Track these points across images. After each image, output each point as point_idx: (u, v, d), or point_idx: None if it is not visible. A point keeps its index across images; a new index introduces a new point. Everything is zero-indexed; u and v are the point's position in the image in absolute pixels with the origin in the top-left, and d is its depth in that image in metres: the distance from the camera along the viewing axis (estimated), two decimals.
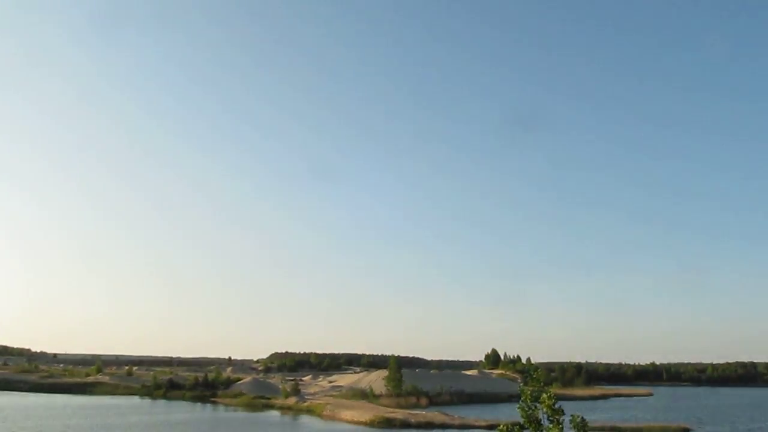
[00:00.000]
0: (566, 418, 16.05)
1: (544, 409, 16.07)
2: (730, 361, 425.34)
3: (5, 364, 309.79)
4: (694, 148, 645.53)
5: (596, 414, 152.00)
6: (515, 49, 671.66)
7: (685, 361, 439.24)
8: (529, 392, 16.47)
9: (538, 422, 16.15)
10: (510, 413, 20.91)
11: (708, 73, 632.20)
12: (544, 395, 15.98)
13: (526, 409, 16.33)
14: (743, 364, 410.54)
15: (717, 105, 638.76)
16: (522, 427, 16.37)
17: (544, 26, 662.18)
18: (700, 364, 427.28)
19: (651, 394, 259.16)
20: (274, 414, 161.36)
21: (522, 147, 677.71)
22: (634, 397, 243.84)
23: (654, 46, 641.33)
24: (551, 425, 15.80)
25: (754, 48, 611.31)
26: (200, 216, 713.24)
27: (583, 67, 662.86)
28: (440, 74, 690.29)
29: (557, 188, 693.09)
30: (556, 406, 16.30)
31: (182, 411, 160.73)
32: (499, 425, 17.27)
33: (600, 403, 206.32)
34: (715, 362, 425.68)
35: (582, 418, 15.91)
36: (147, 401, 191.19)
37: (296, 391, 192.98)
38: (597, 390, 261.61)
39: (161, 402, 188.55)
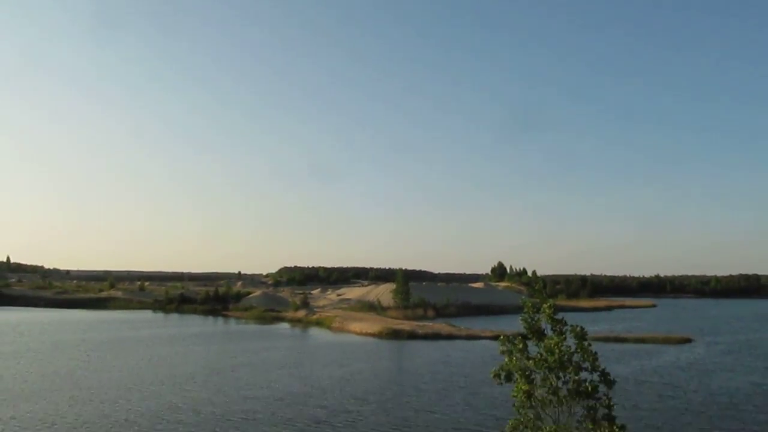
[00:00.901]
0: (567, 328, 16.56)
1: (546, 320, 16.56)
2: (733, 273, 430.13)
3: (20, 281, 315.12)
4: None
5: (600, 325, 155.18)
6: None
7: (689, 274, 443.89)
8: (531, 304, 16.94)
9: (541, 332, 16.66)
10: (515, 325, 21.84)
11: None
12: (545, 305, 16.44)
13: (528, 320, 16.82)
14: (746, 276, 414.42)
15: None
16: (525, 337, 16.90)
17: None
18: (704, 276, 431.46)
19: (654, 306, 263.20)
20: (284, 326, 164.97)
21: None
22: (638, 309, 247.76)
23: None
24: (554, 335, 16.30)
25: None
26: (209, 133, 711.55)
27: None
28: None
29: (563, 94, 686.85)
30: (557, 316, 16.80)
31: (194, 324, 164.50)
32: (500, 336, 17.81)
33: (604, 314, 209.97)
34: (719, 274, 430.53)
35: (581, 327, 16.42)
36: (160, 315, 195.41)
37: (305, 304, 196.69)
38: (601, 302, 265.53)
39: (174, 316, 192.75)
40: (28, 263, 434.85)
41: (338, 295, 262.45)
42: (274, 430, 52.12)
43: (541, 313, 16.44)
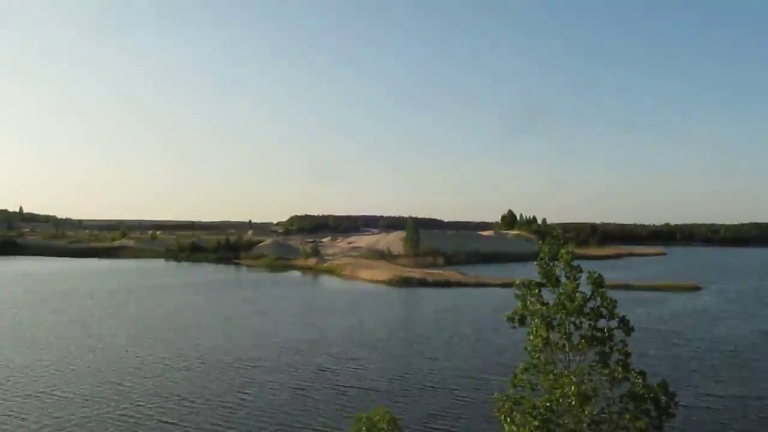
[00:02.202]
0: (583, 276, 16.45)
1: (562, 266, 16.43)
2: (744, 221, 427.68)
3: (33, 231, 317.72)
4: None
5: (610, 273, 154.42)
6: None
7: (699, 222, 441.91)
8: (547, 249, 16.78)
9: (557, 279, 16.55)
10: (524, 272, 21.58)
11: None
12: (562, 251, 16.30)
13: (545, 266, 16.68)
14: (757, 225, 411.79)
15: None
16: (540, 284, 16.79)
17: None
18: (714, 224, 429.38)
19: (664, 254, 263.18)
20: (296, 274, 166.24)
21: None
22: (648, 257, 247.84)
23: None
24: (568, 281, 16.19)
25: None
26: (217, 83, 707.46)
27: None
28: None
29: (575, 39, 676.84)
30: (574, 263, 16.67)
31: (206, 273, 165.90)
32: (514, 282, 17.69)
33: (613, 262, 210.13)
34: (729, 223, 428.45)
35: (599, 274, 16.31)
36: (172, 264, 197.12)
37: (316, 252, 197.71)
38: (611, 250, 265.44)
39: (185, 264, 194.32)
40: (41, 213, 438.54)
41: (348, 243, 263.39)
42: (280, 378, 52.82)
43: (559, 260, 16.30)
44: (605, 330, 15.52)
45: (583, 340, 15.47)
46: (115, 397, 46.92)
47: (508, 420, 15.32)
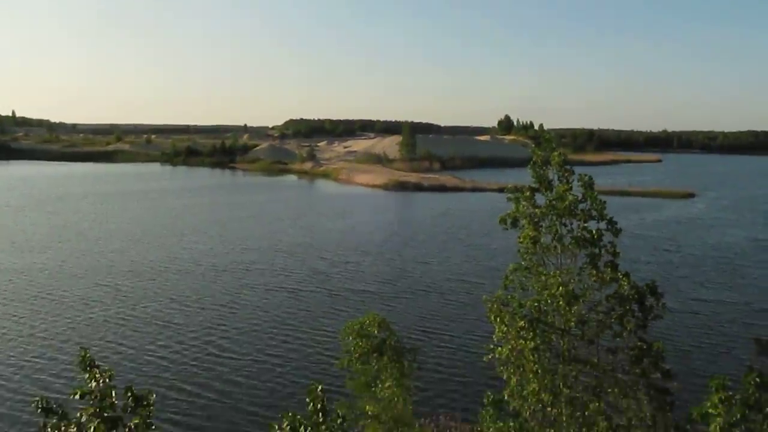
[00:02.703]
0: (575, 178, 16.16)
1: (554, 170, 16.14)
2: (742, 129, 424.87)
3: (26, 135, 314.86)
4: None
5: (606, 179, 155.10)
6: None
7: (698, 129, 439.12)
8: (540, 153, 16.45)
9: (549, 183, 16.27)
10: (521, 177, 21.67)
11: None
12: (554, 154, 15.97)
13: (537, 170, 16.39)
14: (755, 133, 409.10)
15: None
16: (533, 188, 16.50)
17: None
18: (712, 132, 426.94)
19: (660, 161, 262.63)
20: (292, 178, 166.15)
21: None
22: (644, 164, 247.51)
23: None
24: (560, 184, 15.92)
25: None
26: None
27: None
28: None
29: None
30: (566, 167, 16.35)
31: (202, 177, 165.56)
32: (507, 186, 17.46)
33: (610, 168, 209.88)
34: (727, 130, 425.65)
35: (589, 176, 16.00)
36: (167, 168, 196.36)
37: (312, 157, 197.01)
38: (607, 156, 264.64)
39: (181, 168, 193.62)
40: (34, 117, 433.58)
41: (344, 147, 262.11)
42: (272, 281, 53.32)
43: (550, 164, 16.03)
44: (594, 231, 15.40)
45: (573, 241, 15.36)
46: (110, 299, 47.43)
47: (498, 320, 15.41)
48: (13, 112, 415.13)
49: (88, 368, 11.00)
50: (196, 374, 33.70)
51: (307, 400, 10.80)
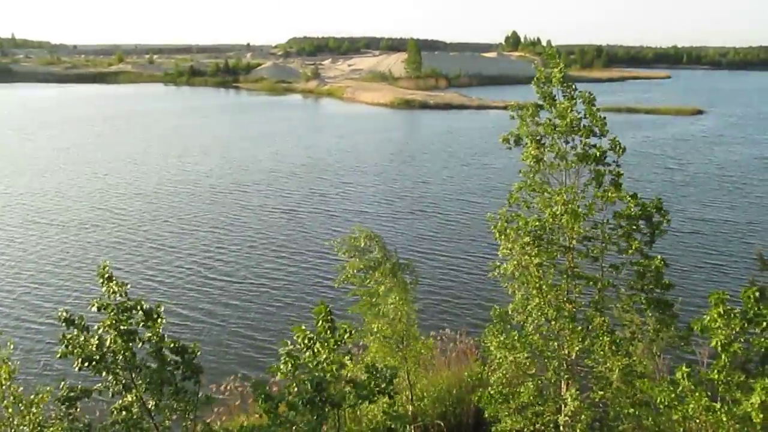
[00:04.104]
0: (578, 94, 16.02)
1: (556, 84, 15.99)
2: (753, 45, 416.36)
3: (27, 57, 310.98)
4: None
5: (613, 96, 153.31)
6: None
7: (708, 45, 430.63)
8: (543, 70, 16.27)
9: (552, 99, 16.15)
10: (527, 95, 21.43)
11: None
12: (555, 71, 15.78)
13: (541, 86, 16.25)
14: (766, 48, 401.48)
15: None
16: (537, 105, 16.39)
17: None
18: (722, 47, 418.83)
19: (669, 77, 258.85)
20: (296, 97, 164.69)
21: None
22: (652, 80, 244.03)
23: None
24: (564, 100, 15.80)
25: None
26: None
27: None
28: None
29: None
30: (571, 84, 16.19)
31: (206, 97, 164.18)
32: (511, 104, 17.32)
33: (618, 85, 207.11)
34: (738, 46, 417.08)
35: (590, 93, 15.86)
36: (171, 88, 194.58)
37: (316, 75, 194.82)
38: (615, 72, 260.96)
39: (185, 89, 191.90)
40: (34, 39, 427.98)
41: (349, 65, 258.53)
42: (269, 201, 53.60)
43: (552, 79, 15.87)
44: (597, 148, 15.40)
45: (575, 158, 15.38)
46: (112, 221, 47.85)
47: (503, 237, 15.60)
48: (13, 35, 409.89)
49: (106, 280, 11.36)
50: (194, 296, 34.23)
51: (315, 318, 11.09)
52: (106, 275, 11.44)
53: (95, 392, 11.58)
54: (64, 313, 11.27)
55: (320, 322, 11.00)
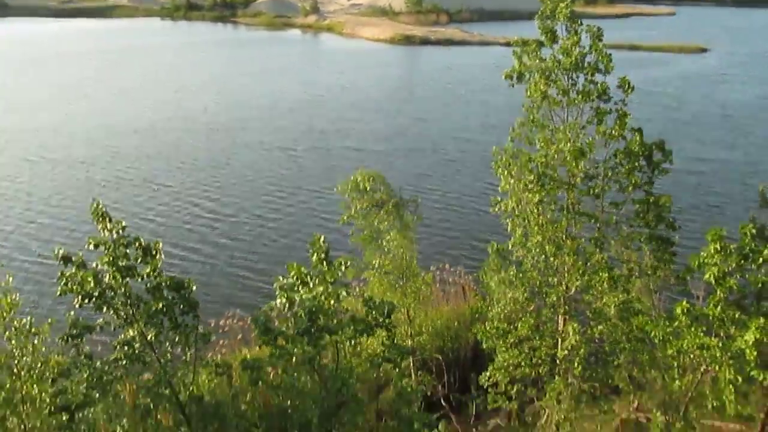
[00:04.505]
0: (583, 29, 15.74)
1: (562, 19, 15.66)
2: None
3: None
4: None
5: (616, 32, 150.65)
6: None
7: None
8: (548, 4, 15.92)
9: (555, 35, 15.86)
10: (531, 32, 20.99)
11: None
12: (561, 5, 15.46)
13: (544, 20, 15.93)
14: None
15: None
16: (539, 41, 16.10)
17: None
18: None
19: (674, 14, 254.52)
20: (295, 32, 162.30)
21: None
22: (657, 17, 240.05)
23: None
24: (569, 35, 15.52)
25: None
26: None
27: None
28: None
29: None
30: (576, 19, 15.88)
31: (203, 31, 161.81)
32: (513, 40, 17.04)
33: (621, 21, 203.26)
34: None
35: (598, 27, 15.58)
36: (167, 23, 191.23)
37: (316, 10, 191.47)
38: (619, 8, 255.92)
39: (182, 23, 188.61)
40: None
41: (349, 0, 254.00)
42: (266, 138, 53.37)
43: (557, 13, 15.55)
44: (600, 84, 15.24)
45: (579, 95, 15.22)
46: (108, 159, 47.80)
47: (506, 173, 15.56)
48: None
49: (100, 218, 11.32)
50: (192, 234, 34.38)
51: (310, 250, 11.11)
52: (100, 213, 11.38)
53: (97, 327, 11.65)
54: (61, 251, 11.25)
55: (315, 254, 11.04)
